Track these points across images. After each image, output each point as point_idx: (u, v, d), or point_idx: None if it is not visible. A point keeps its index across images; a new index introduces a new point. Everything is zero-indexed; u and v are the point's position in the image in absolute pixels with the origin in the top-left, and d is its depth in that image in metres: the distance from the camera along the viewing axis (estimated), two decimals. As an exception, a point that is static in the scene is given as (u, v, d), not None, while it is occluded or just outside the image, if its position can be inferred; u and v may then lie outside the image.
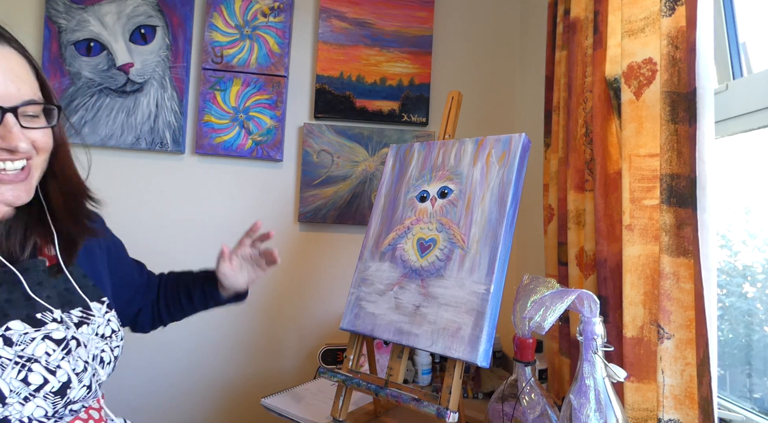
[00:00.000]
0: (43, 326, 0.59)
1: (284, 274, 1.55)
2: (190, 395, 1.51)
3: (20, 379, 0.54)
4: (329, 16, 1.55)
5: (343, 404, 0.86)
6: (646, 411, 0.72)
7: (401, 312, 0.81)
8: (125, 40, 1.49)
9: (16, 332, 0.57)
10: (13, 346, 0.55)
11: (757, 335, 0.85)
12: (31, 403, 0.55)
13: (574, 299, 0.60)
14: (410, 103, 1.56)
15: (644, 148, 0.75)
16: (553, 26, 1.16)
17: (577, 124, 0.97)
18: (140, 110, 1.49)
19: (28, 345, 0.57)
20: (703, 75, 0.65)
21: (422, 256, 0.84)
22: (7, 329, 0.56)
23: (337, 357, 1.35)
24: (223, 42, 1.51)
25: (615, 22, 0.86)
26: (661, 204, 0.68)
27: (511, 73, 1.65)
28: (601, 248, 0.83)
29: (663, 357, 0.67)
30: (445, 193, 0.87)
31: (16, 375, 0.54)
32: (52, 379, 0.57)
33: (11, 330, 0.56)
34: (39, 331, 0.59)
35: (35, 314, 0.60)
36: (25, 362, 0.55)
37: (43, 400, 0.56)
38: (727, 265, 0.90)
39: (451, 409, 0.72)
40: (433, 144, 0.94)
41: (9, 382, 0.53)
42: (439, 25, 1.62)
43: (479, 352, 0.71)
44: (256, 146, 1.52)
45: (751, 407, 0.81)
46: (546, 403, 0.67)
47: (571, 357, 0.98)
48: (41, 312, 0.61)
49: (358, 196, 1.54)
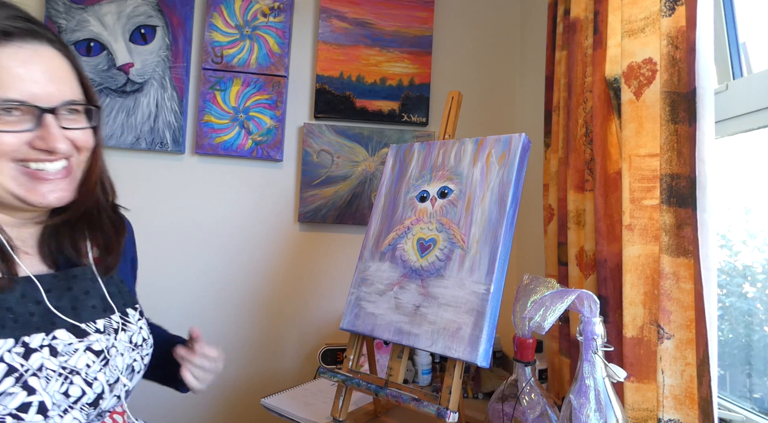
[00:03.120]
0: (86, 337, 0.59)
1: (284, 274, 1.55)
2: (190, 395, 1.50)
3: (62, 391, 0.54)
4: (329, 16, 1.55)
5: (343, 404, 0.86)
6: (646, 411, 0.72)
7: (401, 312, 0.81)
8: (125, 40, 1.49)
9: (62, 342, 0.56)
10: (58, 357, 0.54)
11: (757, 335, 0.85)
12: (69, 415, 0.54)
13: (574, 299, 0.60)
14: (410, 103, 1.56)
15: (644, 148, 0.75)
16: (553, 26, 1.16)
17: (577, 124, 0.97)
18: (140, 110, 1.49)
19: (71, 356, 0.56)
20: (703, 75, 0.65)
21: (422, 256, 0.84)
22: (54, 338, 0.55)
23: (337, 357, 1.35)
24: (223, 42, 1.51)
25: (615, 22, 0.86)
26: (661, 204, 0.68)
27: (511, 73, 1.65)
28: (601, 248, 0.83)
29: (663, 357, 0.67)
30: (445, 193, 0.87)
31: (59, 387, 0.53)
32: (89, 391, 0.56)
33: (57, 340, 0.56)
34: (82, 342, 0.58)
35: (80, 324, 0.59)
36: (67, 374, 0.55)
37: (79, 411, 0.56)
38: (727, 265, 0.90)
39: (451, 409, 0.72)
40: (433, 144, 0.94)
41: (52, 394, 0.52)
42: (439, 25, 1.62)
43: (479, 352, 0.71)
44: (256, 146, 1.52)
45: (751, 407, 0.81)
46: (546, 403, 0.67)
47: (571, 357, 0.98)
48: (86, 322, 0.60)
49: (358, 196, 1.54)
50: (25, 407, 0.50)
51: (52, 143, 0.55)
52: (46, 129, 0.55)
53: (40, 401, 0.51)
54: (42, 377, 0.52)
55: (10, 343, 0.51)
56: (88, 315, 0.61)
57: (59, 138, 0.56)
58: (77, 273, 0.63)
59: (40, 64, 0.55)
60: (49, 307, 0.57)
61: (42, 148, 0.55)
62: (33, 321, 0.55)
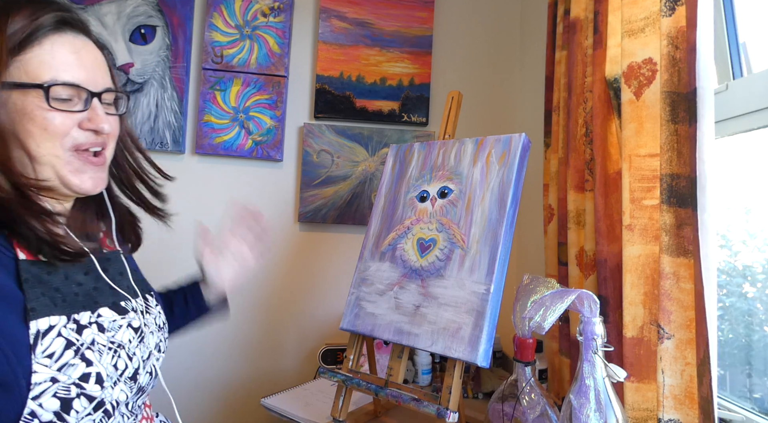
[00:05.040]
0: (126, 314, 0.63)
1: (284, 274, 1.55)
2: (190, 395, 1.51)
3: (113, 364, 0.58)
4: (329, 16, 1.55)
5: (343, 404, 0.86)
6: (646, 411, 0.72)
7: (401, 312, 0.81)
8: (125, 40, 1.49)
9: (107, 319, 0.60)
10: (105, 333, 0.59)
11: (757, 335, 0.85)
12: (117, 387, 0.58)
13: (574, 299, 0.60)
14: (410, 103, 1.56)
15: (644, 148, 0.75)
16: (553, 26, 1.16)
17: (577, 124, 0.97)
18: (140, 110, 1.49)
19: (117, 332, 0.60)
20: (703, 75, 0.65)
21: (422, 256, 0.84)
22: (99, 316, 0.59)
23: (337, 357, 1.35)
24: (223, 42, 1.51)
25: (615, 22, 0.86)
26: (661, 204, 0.68)
27: (511, 73, 1.65)
28: (601, 248, 0.83)
29: (663, 357, 0.67)
30: (445, 193, 0.87)
31: (110, 360, 0.57)
32: (129, 365, 0.60)
33: (102, 317, 0.59)
34: (124, 319, 0.62)
35: (119, 302, 0.64)
36: (116, 348, 0.59)
37: (124, 384, 0.59)
38: (727, 265, 0.90)
39: (451, 409, 0.72)
40: (433, 144, 0.94)
41: (105, 367, 0.56)
42: (439, 25, 1.62)
43: (479, 352, 0.71)
44: (256, 146, 1.52)
45: (751, 407, 0.81)
46: (546, 403, 0.67)
47: (571, 357, 0.98)
48: (123, 300, 0.65)
49: (358, 196, 1.54)
50: (85, 377, 0.54)
51: (99, 123, 0.60)
52: (94, 111, 0.60)
53: (98, 372, 0.55)
54: (95, 351, 0.56)
55: (64, 320, 0.55)
56: (123, 295, 0.65)
57: (104, 119, 0.61)
58: (110, 256, 0.68)
59: (88, 54, 0.60)
60: (90, 287, 0.61)
61: (90, 129, 0.60)
62: (78, 300, 0.58)
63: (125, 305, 0.64)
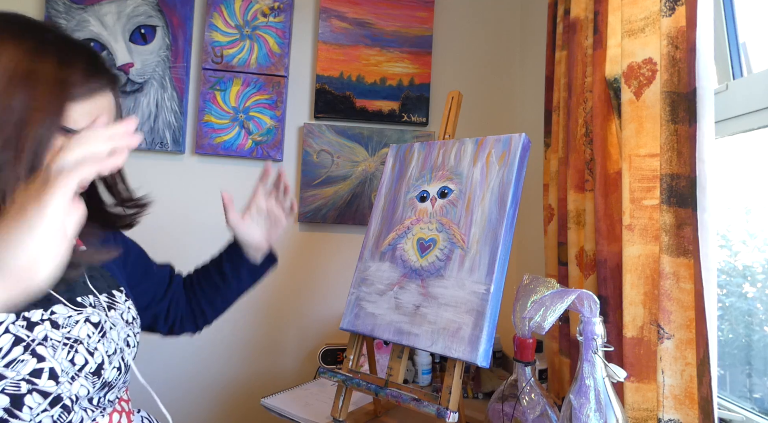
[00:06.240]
0: (83, 309, 0.63)
1: (284, 274, 1.54)
2: (190, 395, 1.51)
3: (69, 359, 0.57)
4: (329, 16, 1.55)
5: (343, 404, 0.86)
6: (646, 411, 0.72)
7: (401, 312, 0.81)
8: (125, 40, 1.49)
9: (61, 316, 0.59)
10: (60, 329, 0.58)
11: (757, 335, 0.85)
12: (77, 382, 0.58)
13: (574, 299, 0.60)
14: (410, 103, 1.56)
15: (644, 148, 0.75)
16: (553, 26, 1.16)
17: (577, 124, 0.97)
18: (140, 110, 1.49)
19: (73, 327, 0.60)
20: (703, 75, 0.65)
21: (422, 256, 0.84)
22: (53, 314, 0.59)
23: (337, 357, 1.35)
24: (223, 42, 1.51)
25: (615, 22, 0.86)
26: (661, 204, 0.68)
27: (511, 73, 1.65)
28: (601, 248, 0.83)
29: (663, 357, 0.67)
30: (445, 193, 0.87)
31: (65, 355, 0.57)
32: (90, 360, 0.60)
33: (56, 314, 0.59)
34: (81, 314, 0.62)
35: (76, 297, 0.63)
36: (72, 343, 0.58)
37: (85, 379, 0.59)
38: (727, 265, 0.90)
39: (451, 409, 0.72)
40: (433, 144, 0.94)
41: (60, 362, 0.56)
42: (439, 25, 1.62)
43: (479, 352, 0.70)
44: (256, 146, 1.52)
45: (751, 407, 0.81)
46: (546, 403, 0.67)
47: (571, 357, 0.98)
48: (81, 296, 0.64)
49: (358, 196, 1.54)
50: (37, 373, 0.53)
51: None
52: None
53: (51, 367, 0.55)
54: (48, 346, 0.56)
55: (12, 317, 0.54)
56: (80, 290, 0.65)
57: None
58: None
59: (103, 117, 0.62)
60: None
61: None
62: None
63: (82, 300, 0.63)
